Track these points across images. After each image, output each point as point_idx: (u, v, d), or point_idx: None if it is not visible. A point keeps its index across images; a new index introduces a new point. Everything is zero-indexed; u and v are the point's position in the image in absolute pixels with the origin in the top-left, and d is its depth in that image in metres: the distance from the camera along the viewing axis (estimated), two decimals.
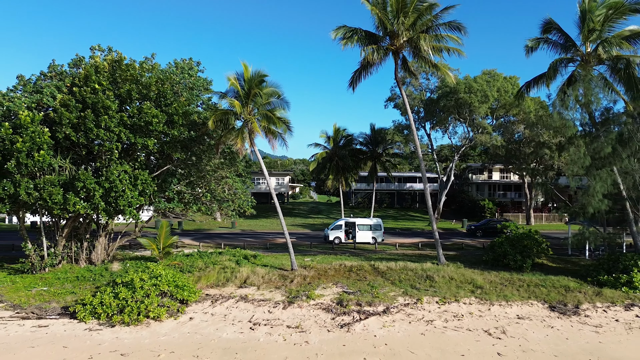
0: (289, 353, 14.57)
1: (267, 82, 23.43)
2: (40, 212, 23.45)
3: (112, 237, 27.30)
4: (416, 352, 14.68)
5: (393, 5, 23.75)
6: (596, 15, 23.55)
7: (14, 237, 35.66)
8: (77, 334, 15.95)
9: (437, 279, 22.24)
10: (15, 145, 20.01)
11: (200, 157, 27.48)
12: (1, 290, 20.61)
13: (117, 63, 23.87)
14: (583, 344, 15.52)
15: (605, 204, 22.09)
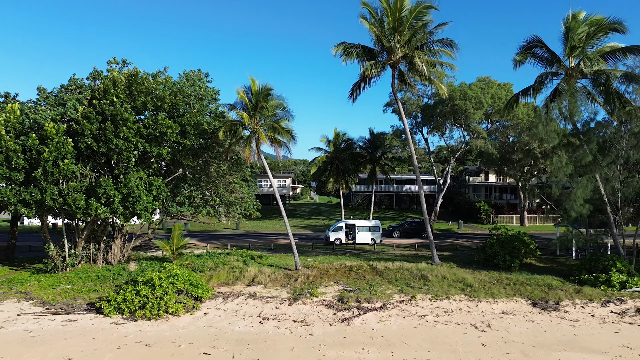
0: (295, 344, 16.24)
1: (273, 95, 25.15)
2: (61, 215, 25.14)
3: (127, 239, 28.98)
4: (409, 343, 16.34)
5: (390, 23, 25.43)
6: (578, 33, 25.17)
7: (29, 238, 37.34)
8: (104, 327, 17.63)
9: (431, 278, 23.90)
10: (42, 155, 21.71)
11: (210, 163, 29.18)
12: (28, 288, 22.29)
13: (133, 77, 25.53)
14: (559, 336, 17.18)
15: (586, 208, 23.81)
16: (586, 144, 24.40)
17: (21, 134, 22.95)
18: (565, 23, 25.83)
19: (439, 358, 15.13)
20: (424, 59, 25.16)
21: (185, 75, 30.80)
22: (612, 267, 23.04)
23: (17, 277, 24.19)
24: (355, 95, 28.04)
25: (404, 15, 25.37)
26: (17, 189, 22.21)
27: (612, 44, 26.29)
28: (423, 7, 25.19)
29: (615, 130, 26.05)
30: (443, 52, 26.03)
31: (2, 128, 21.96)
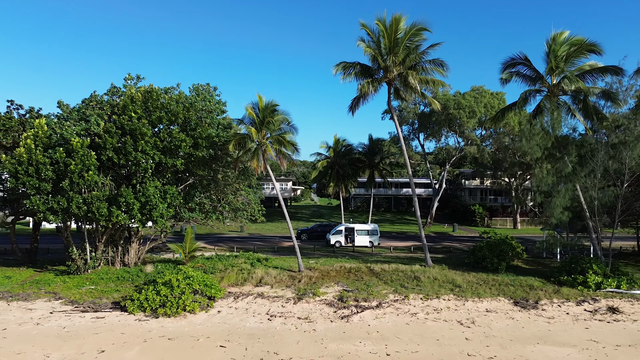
0: (300, 338, 18.25)
1: (278, 110, 27.18)
2: (83, 221, 27.16)
3: (141, 242, 30.98)
4: (401, 338, 18.35)
5: (386, 44, 27.47)
6: (560, 54, 27.20)
7: (44, 241, 39.30)
8: (129, 323, 19.64)
9: (423, 279, 25.92)
10: (69, 167, 23.72)
11: (218, 171, 31.22)
12: (56, 289, 24.31)
13: (149, 93, 27.58)
14: (535, 331, 19.19)
15: (566, 215, 25.86)
16: (566, 156, 26.44)
17: (49, 147, 24.98)
18: (548, 43, 27.86)
19: (426, 350, 17.14)
20: (417, 77, 27.18)
21: (195, 89, 32.90)
22: (589, 270, 25.04)
23: (43, 279, 26.22)
24: (354, 110, 30.04)
25: (399, 36, 27.41)
26: (46, 198, 24.24)
27: (592, 63, 28.34)
28: (417, 29, 27.25)
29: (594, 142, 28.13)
30: (435, 70, 28.13)
31: (32, 143, 23.99)
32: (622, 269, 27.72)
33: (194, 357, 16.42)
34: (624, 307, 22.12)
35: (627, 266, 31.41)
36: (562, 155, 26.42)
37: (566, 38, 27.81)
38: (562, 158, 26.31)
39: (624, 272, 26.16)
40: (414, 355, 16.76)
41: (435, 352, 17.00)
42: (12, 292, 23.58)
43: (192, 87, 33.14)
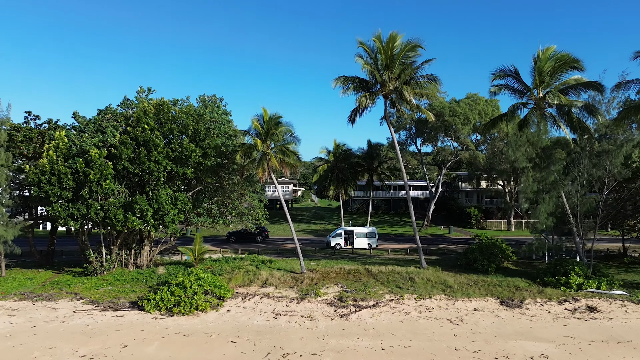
0: (304, 334, 19.99)
1: (282, 122, 28.90)
2: (99, 226, 28.87)
3: (152, 245, 32.69)
4: (395, 334, 20.08)
5: (382, 60, 29.22)
6: (545, 69, 28.93)
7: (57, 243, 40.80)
8: (147, 321, 21.37)
9: (417, 280, 27.66)
10: (89, 176, 25.46)
11: (225, 178, 32.96)
12: (76, 289, 26.04)
13: (160, 106, 29.33)
14: (518, 328, 20.93)
15: (550, 220, 27.64)
16: (551, 166, 28.19)
17: (69, 158, 26.71)
18: (534, 59, 29.60)
19: (418, 345, 18.88)
20: (412, 91, 28.94)
21: (201, 100, 34.75)
22: (572, 271, 26.77)
23: (62, 280, 27.95)
24: (353, 120, 31.83)
25: (395, 53, 29.17)
26: (66, 205, 25.98)
27: (577, 77, 30.08)
28: (412, 46, 29.04)
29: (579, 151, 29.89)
30: (429, 83, 29.88)
31: (54, 154, 25.73)
32: (604, 270, 29.48)
33: (208, 351, 18.15)
34: (602, 307, 23.86)
35: (611, 267, 33.23)
36: (547, 164, 28.16)
37: (552, 53, 29.49)
38: (547, 167, 28.05)
39: (604, 274, 27.89)
40: (407, 349, 18.49)
41: (426, 347, 18.73)
42: (35, 293, 25.30)
43: (199, 98, 35.04)
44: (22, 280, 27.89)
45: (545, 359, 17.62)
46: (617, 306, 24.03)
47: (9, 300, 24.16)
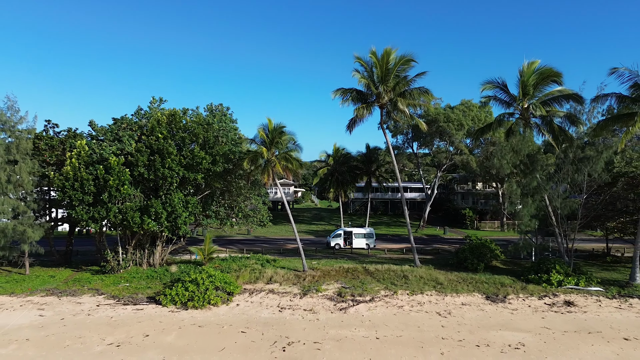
0: (306, 325, 22.08)
1: (285, 131, 31.00)
2: (116, 228, 30.97)
3: (164, 246, 34.79)
4: (389, 325, 22.18)
5: (378, 73, 31.31)
6: (530, 82, 31.05)
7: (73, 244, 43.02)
8: (164, 314, 23.47)
9: (411, 277, 29.75)
10: (108, 182, 27.58)
11: (231, 183, 35.09)
12: (96, 285, 28.15)
13: (172, 116, 31.45)
14: (499, 320, 23.03)
15: (534, 222, 29.73)
16: (534, 172, 30.28)
17: (89, 165, 28.83)
18: (520, 72, 31.76)
19: (409, 335, 20.97)
20: (405, 102, 31.04)
21: (209, 109, 36.88)
22: (553, 269, 28.85)
23: (82, 277, 30.06)
24: (351, 129, 33.89)
25: (390, 66, 31.27)
26: (88, 208, 28.09)
27: (560, 89, 32.27)
28: (405, 60, 31.15)
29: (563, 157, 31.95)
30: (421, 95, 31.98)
31: (76, 161, 27.85)
32: (584, 268, 31.54)
33: (221, 340, 20.25)
34: (579, 301, 25.96)
35: (594, 266, 35.32)
36: (531, 170, 30.25)
37: (536, 67, 31.65)
38: (531, 173, 30.14)
39: (584, 272, 29.96)
40: (399, 338, 20.59)
41: (416, 336, 20.83)
42: (59, 289, 27.41)
43: (206, 107, 37.18)
44: (45, 277, 30.01)
45: (521, 346, 19.71)
46: (593, 301, 26.13)
47: (37, 296, 26.28)
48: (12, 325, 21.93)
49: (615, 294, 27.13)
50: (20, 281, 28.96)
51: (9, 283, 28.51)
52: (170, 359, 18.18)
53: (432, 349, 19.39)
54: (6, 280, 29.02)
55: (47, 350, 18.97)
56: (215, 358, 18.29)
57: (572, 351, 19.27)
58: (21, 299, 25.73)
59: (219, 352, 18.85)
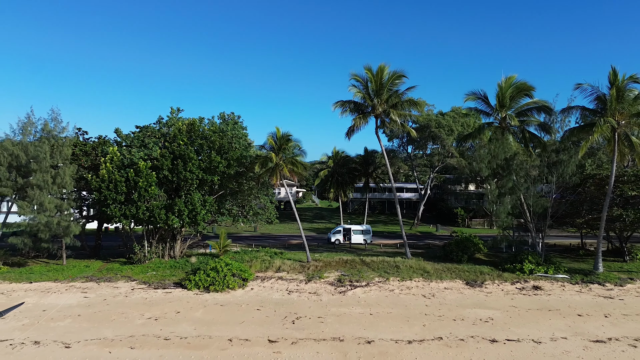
0: (311, 305, 25.89)
1: (292, 139, 34.84)
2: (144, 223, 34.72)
3: (183, 240, 38.60)
4: (381, 304, 25.99)
5: (373, 87, 35.19)
6: (507, 94, 34.86)
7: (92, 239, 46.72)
8: (190, 296, 27.28)
9: (402, 267, 33.56)
10: (138, 183, 31.41)
11: (243, 184, 38.93)
12: (127, 274, 31.95)
13: (192, 125, 35.29)
14: (475, 300, 26.83)
15: (510, 219, 33.56)
16: (510, 174, 34.10)
17: (120, 168, 32.65)
18: (499, 85, 35.56)
19: (397, 312, 24.78)
20: (397, 113, 34.88)
21: (221, 116, 40.73)
22: (526, 260, 32.70)
23: (113, 267, 33.86)
24: (350, 136, 37.81)
25: (384, 81, 35.12)
26: (120, 206, 31.90)
27: (535, 100, 36.08)
28: (397, 75, 35.03)
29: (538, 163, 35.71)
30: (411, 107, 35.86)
31: (110, 165, 31.68)
32: (556, 260, 35.38)
33: (241, 315, 24.07)
34: (545, 286, 29.78)
35: (567, 258, 39.13)
36: (507, 173, 34.08)
37: (513, 81, 35.51)
38: (507, 175, 33.98)
39: (554, 262, 33.77)
40: (389, 314, 24.41)
41: (403, 313, 24.65)
42: (96, 276, 31.22)
43: (219, 115, 41.06)
44: (81, 267, 33.82)
45: (490, 320, 23.53)
46: (558, 286, 29.96)
47: (78, 282, 30.10)
48: (63, 304, 25.76)
49: (578, 281, 30.96)
50: (60, 270, 32.76)
51: (50, 272, 32.33)
52: (201, 328, 22.00)
53: (416, 322, 23.22)
54: (47, 270, 32.84)
55: (97, 323, 22.79)
56: (237, 328, 22.12)
57: (531, 323, 23.10)
58: (65, 284, 29.55)
59: (240, 324, 22.68)
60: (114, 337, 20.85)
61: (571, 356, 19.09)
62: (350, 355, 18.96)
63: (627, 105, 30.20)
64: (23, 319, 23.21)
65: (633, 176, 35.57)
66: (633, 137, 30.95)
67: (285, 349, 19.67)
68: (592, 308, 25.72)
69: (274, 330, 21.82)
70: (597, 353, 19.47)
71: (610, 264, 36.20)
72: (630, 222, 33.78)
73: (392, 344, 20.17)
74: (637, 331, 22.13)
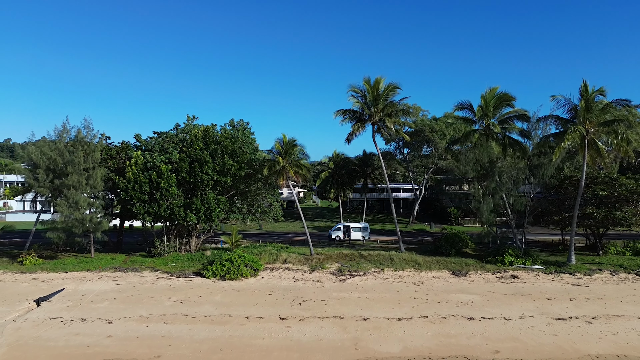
0: (315, 290, 29.35)
1: (297, 144, 38.35)
2: (164, 220, 38.16)
3: (197, 235, 42.04)
4: (376, 290, 29.45)
5: (370, 98, 38.66)
6: (490, 104, 38.35)
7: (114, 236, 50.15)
8: (209, 284, 30.73)
9: (396, 259, 37.03)
10: (160, 184, 34.87)
11: (251, 184, 42.41)
12: (150, 265, 35.39)
13: (206, 132, 38.77)
14: (459, 287, 30.29)
15: (492, 216, 37.03)
16: (493, 176, 37.58)
17: (144, 171, 36.11)
18: (483, 96, 39.06)
19: (390, 296, 28.23)
20: (392, 121, 38.37)
21: (231, 123, 44.23)
22: (506, 253, 36.17)
23: (136, 259, 37.31)
24: (349, 141, 41.36)
25: (380, 92, 38.61)
26: (144, 205, 35.37)
27: (517, 109, 39.59)
28: (392, 87, 38.54)
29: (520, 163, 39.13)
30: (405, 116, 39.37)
31: (135, 168, 35.14)
32: (535, 253, 38.79)
33: (254, 299, 27.52)
34: (522, 275, 33.24)
35: (546, 252, 42.56)
36: (491, 175, 37.55)
37: (497, 92, 39.04)
38: (490, 177, 37.45)
39: (532, 255, 37.22)
40: (382, 298, 27.87)
41: (395, 297, 28.12)
42: (123, 267, 34.67)
43: (229, 122, 44.55)
44: (108, 259, 37.28)
45: (470, 302, 26.99)
46: (533, 275, 33.43)
47: (108, 272, 33.54)
48: (98, 290, 29.24)
49: (552, 271, 34.43)
50: (89, 262, 36.22)
51: (81, 263, 35.79)
52: (221, 309, 25.47)
53: (406, 304, 26.69)
54: (78, 262, 36.30)
55: (132, 305, 26.26)
56: (252, 309, 25.59)
57: (505, 305, 26.59)
58: (97, 274, 33.01)
59: (254, 306, 26.15)
60: (148, 315, 24.33)
61: (534, 330, 22.57)
62: (349, 329, 22.44)
63: (595, 115, 33.66)
64: (67, 302, 26.70)
65: (605, 177, 39.05)
66: (600, 143, 34.39)
67: (294, 324, 23.15)
68: (560, 293, 29.20)
69: (284, 310, 25.30)
70: (557, 328, 22.96)
71: (584, 257, 39.66)
72: (601, 219, 37.25)
73: (385, 321, 23.65)
74: (595, 312, 25.62)
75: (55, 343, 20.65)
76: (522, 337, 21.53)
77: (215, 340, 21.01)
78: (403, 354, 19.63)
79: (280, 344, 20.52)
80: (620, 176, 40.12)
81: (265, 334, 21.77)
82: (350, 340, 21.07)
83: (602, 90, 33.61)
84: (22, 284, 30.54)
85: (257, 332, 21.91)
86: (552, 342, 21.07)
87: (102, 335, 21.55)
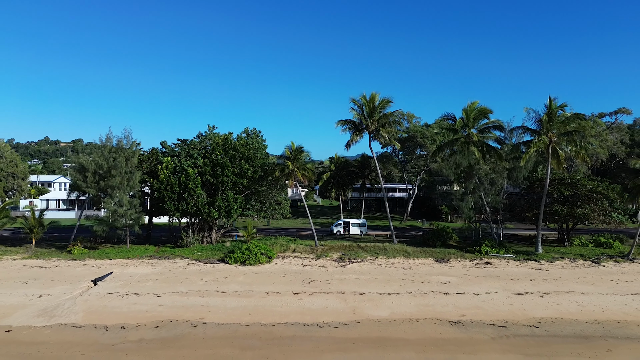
0: (320, 273, 34.78)
1: (303, 150, 43.75)
2: (187, 216, 43.55)
3: (217, 229, 47.44)
4: (371, 273, 34.86)
5: (367, 110, 44.07)
6: (471, 116, 43.69)
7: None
8: (232, 268, 36.16)
9: (389, 250, 42.45)
10: (188, 185, 40.30)
11: (263, 185, 47.86)
12: (180, 254, 40.80)
13: (225, 140, 44.20)
14: (440, 272, 35.70)
15: (472, 213, 42.45)
16: (473, 178, 42.97)
17: (173, 174, 41.53)
18: (464, 109, 44.38)
19: (382, 277, 33.64)
20: (385, 130, 43.78)
21: (245, 131, 49.72)
22: (483, 244, 41.58)
23: (166, 250, 42.71)
24: (348, 147, 46.74)
25: (375, 105, 44.01)
26: (174, 203, 40.80)
27: (494, 120, 44.94)
28: (385, 101, 43.96)
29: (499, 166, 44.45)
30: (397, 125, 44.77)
31: (167, 172, 40.57)
32: (506, 244, 44.11)
33: (271, 280, 32.93)
34: (494, 262, 38.65)
35: (522, 244, 47.93)
36: (470, 177, 42.95)
37: (477, 106, 44.33)
38: (469, 179, 42.84)
39: (505, 245, 42.60)
40: (376, 279, 33.29)
41: (386, 278, 33.54)
42: (157, 255, 40.08)
43: (244, 130, 50.00)
44: (142, 249, 42.70)
45: (448, 282, 32.40)
46: (504, 262, 38.83)
47: (144, 259, 38.96)
48: (141, 273, 34.66)
49: (521, 259, 39.83)
50: (127, 251, 41.64)
51: (120, 252, 41.21)
52: (245, 287, 30.91)
53: (395, 283, 32.13)
54: (117, 251, 41.72)
55: (172, 284, 31.68)
56: (270, 286, 31.02)
57: (476, 284, 32.01)
58: (136, 261, 38.44)
59: (271, 284, 31.60)
60: (187, 291, 29.77)
61: (495, 301, 27.99)
62: (348, 301, 27.87)
63: (556, 126, 39.04)
64: (118, 282, 32.13)
65: (569, 179, 44.45)
66: (560, 151, 39.72)
67: (305, 297, 28.58)
68: (523, 275, 34.63)
69: (296, 287, 30.74)
70: (514, 300, 28.39)
71: (552, 248, 45.07)
72: (564, 215, 42.66)
73: (377, 295, 29.08)
74: (548, 289, 31.02)
75: (120, 309, 26.07)
76: (484, 306, 26.97)
77: (244, 308, 26.45)
78: (390, 317, 25.05)
79: (295, 310, 25.96)
80: (583, 178, 45.55)
81: (282, 303, 27.21)
82: (349, 308, 26.51)
83: (563, 105, 38.99)
84: (76, 269, 35.97)
85: (276, 303, 27.35)
86: (508, 309, 26.49)
87: (155, 304, 26.98)
